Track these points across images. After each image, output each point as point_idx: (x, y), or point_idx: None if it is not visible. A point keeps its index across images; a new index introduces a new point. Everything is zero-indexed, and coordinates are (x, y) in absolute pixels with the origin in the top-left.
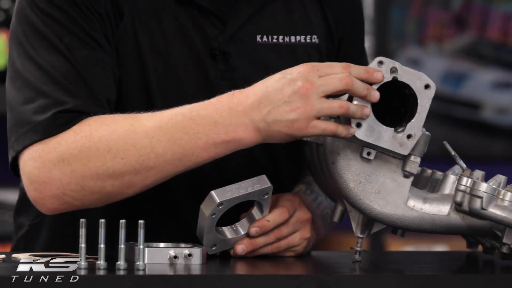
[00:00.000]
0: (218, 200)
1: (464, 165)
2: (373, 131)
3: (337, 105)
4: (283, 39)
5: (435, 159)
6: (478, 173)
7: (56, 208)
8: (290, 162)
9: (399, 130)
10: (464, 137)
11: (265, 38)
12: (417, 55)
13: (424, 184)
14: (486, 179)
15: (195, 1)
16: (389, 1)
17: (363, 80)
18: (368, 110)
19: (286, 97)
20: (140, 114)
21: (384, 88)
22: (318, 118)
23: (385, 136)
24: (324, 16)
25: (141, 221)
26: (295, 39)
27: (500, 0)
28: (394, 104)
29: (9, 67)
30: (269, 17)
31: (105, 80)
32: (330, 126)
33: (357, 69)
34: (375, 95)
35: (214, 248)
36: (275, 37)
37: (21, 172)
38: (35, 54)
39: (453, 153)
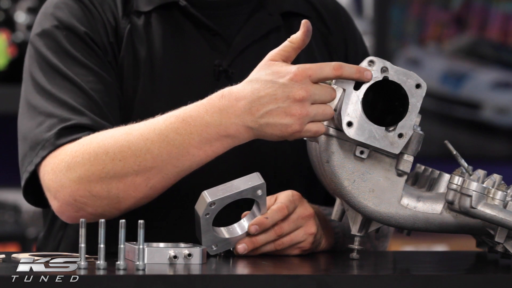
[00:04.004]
0: (209, 200)
1: (465, 164)
2: (364, 130)
3: (329, 112)
4: None
5: (435, 159)
6: (480, 173)
7: (73, 216)
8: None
9: (390, 129)
10: (464, 137)
11: None
12: (417, 55)
13: (424, 183)
14: None
15: (204, 22)
16: (389, 1)
17: (355, 79)
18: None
19: (280, 102)
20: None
21: (384, 88)
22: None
23: (376, 135)
24: (331, 60)
25: (141, 221)
26: None
27: (500, 0)
28: (396, 104)
29: (21, 102)
30: (273, 45)
31: (111, 103)
32: (322, 129)
33: (348, 70)
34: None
35: (215, 248)
36: None
37: (43, 187)
38: (45, 84)
39: (454, 152)
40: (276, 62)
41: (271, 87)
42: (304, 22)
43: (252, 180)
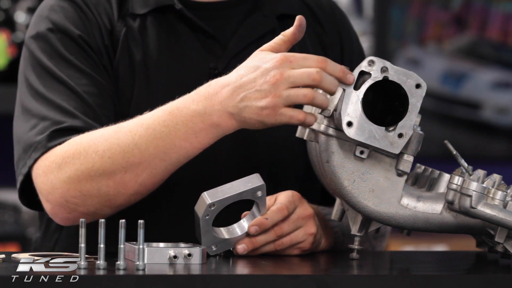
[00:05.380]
0: (209, 201)
1: (465, 164)
2: (364, 130)
3: (302, 94)
4: None
5: (435, 159)
6: (480, 173)
7: (67, 217)
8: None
9: (390, 129)
10: (464, 137)
11: None
12: (417, 55)
13: (424, 183)
14: None
15: (200, 25)
16: (389, 1)
17: (337, 78)
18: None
19: (258, 85)
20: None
21: (384, 88)
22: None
23: (376, 135)
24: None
25: (141, 221)
26: None
27: (500, 0)
28: (396, 104)
29: (16, 105)
30: None
31: (105, 105)
32: (298, 115)
33: (333, 66)
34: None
35: (214, 248)
36: None
37: (37, 190)
38: (38, 87)
39: (454, 152)
40: (264, 51)
41: (253, 72)
42: (298, 18)
43: (252, 182)
